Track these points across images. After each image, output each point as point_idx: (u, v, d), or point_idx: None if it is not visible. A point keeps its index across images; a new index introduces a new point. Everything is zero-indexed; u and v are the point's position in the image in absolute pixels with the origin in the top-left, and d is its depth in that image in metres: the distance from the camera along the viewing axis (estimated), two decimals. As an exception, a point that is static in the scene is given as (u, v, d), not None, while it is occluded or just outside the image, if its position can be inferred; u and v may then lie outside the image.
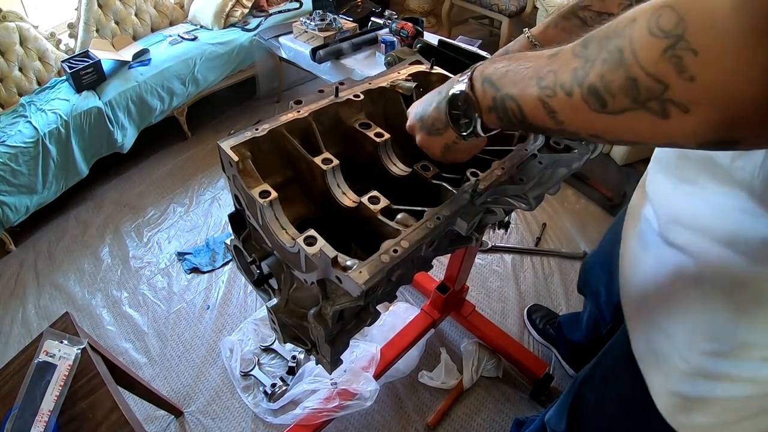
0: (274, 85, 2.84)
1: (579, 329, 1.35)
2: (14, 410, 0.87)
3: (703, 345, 0.52)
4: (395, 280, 0.63)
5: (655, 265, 0.60)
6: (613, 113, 0.33)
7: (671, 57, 0.29)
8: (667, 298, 0.57)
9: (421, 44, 1.40)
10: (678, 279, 0.55)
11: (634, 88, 0.31)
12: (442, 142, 0.55)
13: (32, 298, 1.82)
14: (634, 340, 0.64)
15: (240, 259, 0.74)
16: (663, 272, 0.58)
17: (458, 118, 0.50)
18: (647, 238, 0.62)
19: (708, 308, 0.51)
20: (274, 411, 1.38)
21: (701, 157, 0.50)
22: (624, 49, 0.31)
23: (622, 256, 0.71)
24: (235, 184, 0.60)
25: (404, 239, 0.52)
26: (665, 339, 0.57)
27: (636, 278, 0.65)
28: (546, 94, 0.38)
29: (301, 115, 0.66)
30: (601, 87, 0.33)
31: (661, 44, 0.29)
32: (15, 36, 2.16)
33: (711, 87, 0.28)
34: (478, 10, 3.02)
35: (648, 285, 0.61)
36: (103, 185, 2.35)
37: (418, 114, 0.57)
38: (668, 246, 0.56)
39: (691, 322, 0.53)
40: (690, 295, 0.53)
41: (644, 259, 0.63)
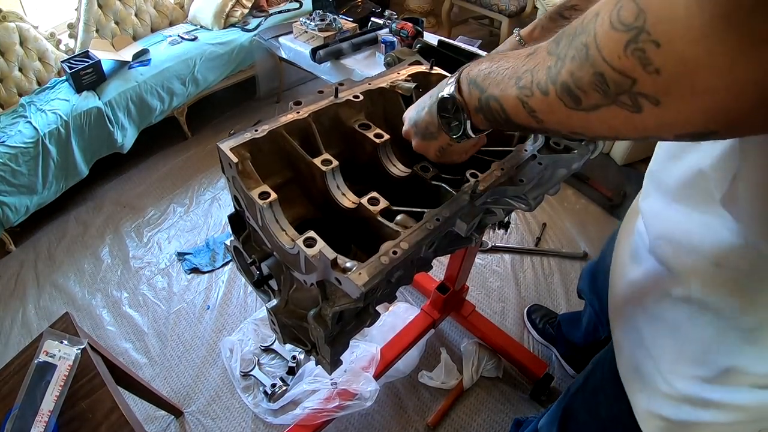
0: (274, 85, 2.84)
1: (578, 330, 1.35)
2: (14, 410, 0.87)
3: (689, 369, 0.51)
4: (395, 281, 0.63)
5: (644, 280, 0.58)
6: (587, 110, 0.33)
7: (634, 50, 0.28)
8: (653, 316, 0.56)
9: (421, 44, 1.40)
10: (666, 297, 0.53)
11: (603, 83, 0.31)
12: (436, 145, 0.56)
13: (32, 299, 1.82)
14: (619, 358, 0.62)
15: (240, 260, 0.74)
16: (651, 289, 0.56)
17: (449, 121, 0.50)
18: (638, 252, 0.61)
19: (695, 330, 0.50)
20: (274, 411, 1.38)
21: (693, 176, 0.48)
22: (589, 45, 0.31)
23: (612, 269, 0.70)
24: (234, 186, 0.60)
25: (404, 240, 0.52)
26: (650, 360, 0.55)
27: (624, 293, 0.63)
28: (524, 94, 0.38)
29: (300, 115, 0.66)
30: (572, 84, 0.33)
31: (623, 37, 0.28)
32: (15, 36, 2.16)
33: (678, 78, 0.27)
34: (478, 10, 3.02)
35: (635, 301, 0.60)
36: (103, 185, 2.35)
37: (412, 119, 0.57)
38: (658, 263, 0.55)
39: (678, 343, 0.52)
40: (677, 316, 0.52)
41: (633, 273, 0.61)
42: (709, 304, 0.48)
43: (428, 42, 1.76)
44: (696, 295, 0.49)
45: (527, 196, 0.60)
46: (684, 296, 0.50)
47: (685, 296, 0.50)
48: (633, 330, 0.59)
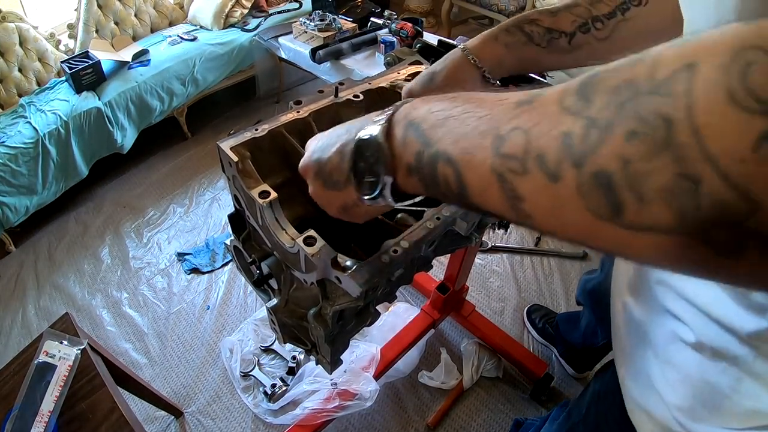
0: (273, 85, 2.84)
1: (576, 331, 1.35)
2: (14, 411, 0.87)
3: (702, 413, 0.47)
4: (395, 281, 0.63)
5: (648, 320, 0.53)
6: (630, 228, 0.20)
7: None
8: (662, 359, 0.50)
9: (421, 44, 1.40)
10: (674, 341, 0.48)
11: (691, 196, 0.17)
12: (340, 199, 0.40)
13: (32, 299, 1.82)
14: (626, 396, 0.58)
15: (240, 260, 0.74)
16: (657, 330, 0.51)
17: (363, 175, 0.35)
18: (638, 286, 0.55)
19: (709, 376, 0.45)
20: (274, 411, 1.38)
21: None
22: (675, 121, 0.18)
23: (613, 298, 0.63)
24: (234, 185, 0.60)
25: (404, 239, 0.52)
26: (662, 403, 0.51)
27: (627, 329, 0.58)
28: (509, 168, 0.24)
29: (300, 115, 0.66)
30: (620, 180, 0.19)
31: (757, 126, 0.16)
32: (15, 36, 2.16)
33: None
34: (477, 10, 3.02)
35: (641, 340, 0.54)
36: (103, 186, 2.35)
37: (316, 154, 0.41)
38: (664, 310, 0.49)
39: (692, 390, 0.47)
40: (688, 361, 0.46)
41: (636, 310, 0.56)
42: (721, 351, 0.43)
43: (428, 42, 1.76)
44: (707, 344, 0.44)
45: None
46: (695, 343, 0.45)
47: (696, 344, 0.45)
48: (641, 372, 0.53)
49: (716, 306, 0.42)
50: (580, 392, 0.85)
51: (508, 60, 0.57)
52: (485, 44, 0.57)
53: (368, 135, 0.34)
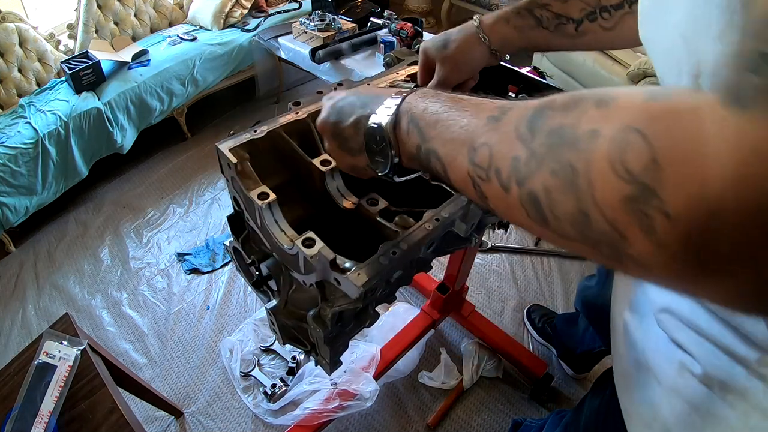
0: (273, 85, 2.84)
1: (575, 336, 1.35)
2: (14, 411, 0.87)
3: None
4: (394, 282, 0.63)
5: (652, 348, 0.51)
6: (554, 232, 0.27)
7: (636, 211, 0.21)
8: (668, 390, 0.49)
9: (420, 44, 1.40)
10: (680, 373, 0.47)
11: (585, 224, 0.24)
12: (352, 161, 0.47)
13: (32, 299, 1.82)
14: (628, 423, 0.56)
15: (239, 261, 0.74)
16: (661, 359, 0.50)
17: (374, 153, 0.42)
18: (639, 308, 0.54)
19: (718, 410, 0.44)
20: (275, 412, 1.38)
21: None
22: (578, 172, 0.24)
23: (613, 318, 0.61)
24: (233, 186, 0.60)
25: (403, 241, 0.52)
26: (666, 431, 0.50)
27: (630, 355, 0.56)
28: (478, 174, 0.31)
29: (299, 116, 0.66)
30: (544, 203, 0.26)
31: (624, 189, 0.21)
32: (14, 37, 2.16)
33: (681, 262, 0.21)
34: (477, 10, 3.02)
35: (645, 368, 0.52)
36: (103, 186, 2.35)
37: (333, 117, 0.47)
38: (668, 340, 0.48)
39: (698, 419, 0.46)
40: (695, 393, 0.45)
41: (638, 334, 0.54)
42: (729, 384, 0.42)
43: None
44: (715, 375, 0.43)
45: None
46: (702, 376, 0.44)
47: (703, 376, 0.44)
48: (645, 401, 0.52)
49: (722, 335, 0.41)
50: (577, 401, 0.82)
51: (517, 40, 0.62)
52: (497, 24, 0.61)
53: (377, 123, 0.40)
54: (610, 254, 0.24)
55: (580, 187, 0.24)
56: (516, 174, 0.28)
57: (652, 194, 0.21)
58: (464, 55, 0.62)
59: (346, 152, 0.47)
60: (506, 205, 0.29)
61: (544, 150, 0.26)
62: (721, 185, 0.19)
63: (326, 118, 0.48)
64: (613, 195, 0.22)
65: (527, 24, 0.61)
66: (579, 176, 0.24)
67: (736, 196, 0.19)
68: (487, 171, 0.30)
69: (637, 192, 0.21)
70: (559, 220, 0.26)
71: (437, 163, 0.35)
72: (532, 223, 0.28)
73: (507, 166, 0.28)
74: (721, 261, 0.20)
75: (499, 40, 0.61)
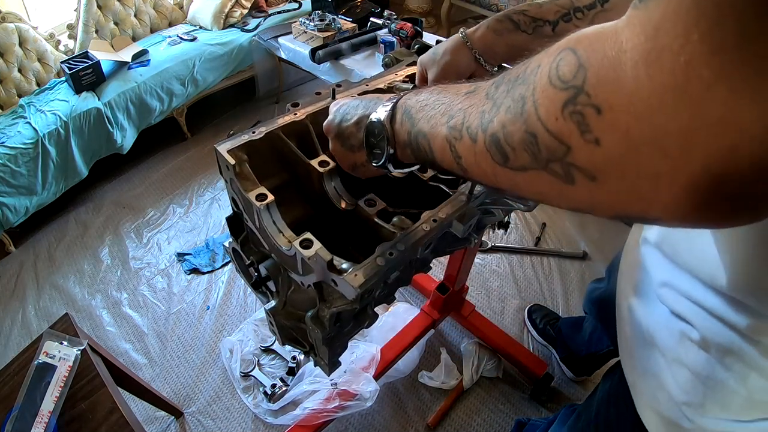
0: (273, 85, 2.84)
1: (580, 338, 1.34)
2: (14, 411, 0.87)
3: (711, 407, 0.48)
4: (392, 283, 0.63)
5: (655, 323, 0.55)
6: (514, 169, 0.29)
7: (572, 113, 0.24)
8: (672, 360, 0.52)
9: (419, 45, 1.40)
10: (682, 342, 0.50)
11: (534, 145, 0.27)
12: (353, 159, 0.52)
13: (32, 299, 1.82)
14: (635, 396, 0.59)
15: (238, 262, 0.75)
16: (664, 332, 0.53)
17: (373, 146, 0.46)
18: (643, 289, 0.57)
19: (718, 374, 0.46)
20: (274, 412, 1.38)
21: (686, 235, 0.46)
22: (526, 99, 0.27)
23: (618, 304, 0.66)
24: (232, 187, 0.61)
25: (400, 242, 0.52)
26: (669, 399, 0.52)
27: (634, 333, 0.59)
28: (453, 136, 0.34)
29: (298, 117, 0.66)
30: (502, 138, 0.29)
31: (561, 96, 0.25)
32: (14, 37, 2.16)
33: (618, 155, 0.23)
34: (477, 10, 3.02)
35: (649, 343, 0.56)
36: (103, 186, 2.35)
37: (337, 119, 0.52)
38: (669, 312, 0.52)
39: (703, 388, 0.48)
40: (697, 360, 0.48)
41: (642, 313, 0.58)
42: (726, 348, 0.45)
43: (427, 42, 1.76)
44: (712, 341, 0.46)
45: (525, 196, 0.60)
46: (700, 342, 0.47)
47: (701, 342, 0.47)
48: (649, 373, 0.55)
49: (717, 305, 0.44)
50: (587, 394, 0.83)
51: (498, 45, 0.67)
52: (479, 31, 0.66)
53: (377, 119, 0.44)
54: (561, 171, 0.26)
55: (527, 110, 0.27)
56: (481, 123, 0.31)
57: (581, 92, 0.24)
58: (452, 62, 0.67)
59: (348, 150, 0.52)
60: (474, 156, 0.33)
61: (503, 96, 0.30)
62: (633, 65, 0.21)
63: (331, 120, 0.53)
64: (552, 105, 0.25)
65: (506, 28, 0.65)
66: (526, 102, 0.27)
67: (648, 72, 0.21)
68: (460, 131, 0.34)
69: (571, 95, 0.24)
70: (515, 149, 0.28)
71: (423, 141, 0.39)
72: (496, 165, 0.31)
73: (475, 120, 0.32)
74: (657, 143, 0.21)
75: (482, 45, 0.66)
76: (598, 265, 1.80)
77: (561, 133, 0.25)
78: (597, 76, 0.23)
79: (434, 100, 0.39)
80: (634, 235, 0.64)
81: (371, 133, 0.46)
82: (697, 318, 0.47)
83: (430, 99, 0.39)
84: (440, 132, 0.36)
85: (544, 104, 0.26)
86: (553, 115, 0.25)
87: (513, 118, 0.28)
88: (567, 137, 0.25)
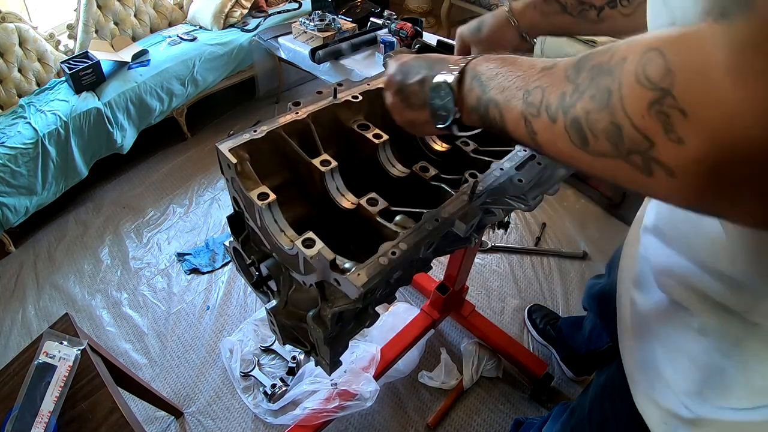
0: (273, 85, 2.84)
1: (580, 336, 1.35)
2: (14, 411, 0.87)
3: (710, 395, 0.48)
4: (394, 282, 0.63)
5: (654, 312, 0.56)
6: (593, 154, 0.31)
7: (658, 113, 0.26)
8: (670, 348, 0.53)
9: (420, 44, 1.40)
10: (680, 330, 0.51)
11: (618, 136, 0.29)
12: (412, 116, 0.53)
13: (32, 299, 1.82)
14: (633, 387, 0.59)
15: (239, 261, 0.75)
16: (663, 321, 0.54)
17: (437, 107, 0.47)
18: (643, 280, 0.58)
19: (716, 361, 0.47)
20: (275, 411, 1.38)
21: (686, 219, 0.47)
22: (612, 91, 0.29)
23: (618, 296, 0.67)
24: (233, 186, 0.60)
25: (402, 241, 0.52)
26: (667, 388, 0.53)
27: (633, 323, 0.61)
28: (530, 112, 0.36)
29: (299, 116, 0.66)
30: (585, 123, 0.31)
31: (648, 96, 0.27)
32: (14, 37, 2.16)
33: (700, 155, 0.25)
34: (477, 10, 3.02)
35: (647, 333, 0.57)
36: (103, 186, 2.35)
37: (398, 75, 0.53)
38: (669, 300, 0.53)
39: (697, 371, 0.49)
40: (695, 347, 0.49)
41: (642, 303, 0.59)
42: (725, 333, 0.46)
43: (427, 42, 1.76)
44: (711, 327, 0.47)
45: (526, 196, 0.60)
46: (699, 329, 0.48)
47: (700, 329, 0.48)
48: (648, 364, 0.56)
49: (715, 289, 0.45)
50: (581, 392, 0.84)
51: (543, 25, 0.68)
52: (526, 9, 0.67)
53: (443, 80, 0.45)
54: (641, 163, 0.28)
55: (613, 103, 0.29)
56: (562, 105, 0.33)
57: (668, 95, 0.26)
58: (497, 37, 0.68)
59: (408, 107, 0.52)
60: (552, 135, 0.35)
61: (586, 83, 0.31)
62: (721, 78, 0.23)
63: (393, 75, 0.54)
64: (639, 102, 0.27)
65: (553, 10, 0.66)
66: (612, 95, 0.29)
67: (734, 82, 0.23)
68: (538, 108, 0.35)
69: (658, 96, 0.26)
70: (597, 137, 0.30)
71: (495, 110, 0.41)
72: (573, 147, 0.33)
73: (555, 101, 0.34)
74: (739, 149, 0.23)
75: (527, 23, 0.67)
76: (598, 265, 1.80)
77: (646, 129, 0.27)
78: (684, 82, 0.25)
79: (506, 70, 0.40)
80: (634, 229, 0.65)
81: (437, 93, 0.46)
82: (696, 305, 0.48)
83: (501, 69, 0.41)
84: (516, 106, 0.38)
85: (632, 100, 0.28)
86: (640, 112, 0.27)
87: (598, 108, 0.30)
88: (652, 133, 0.27)
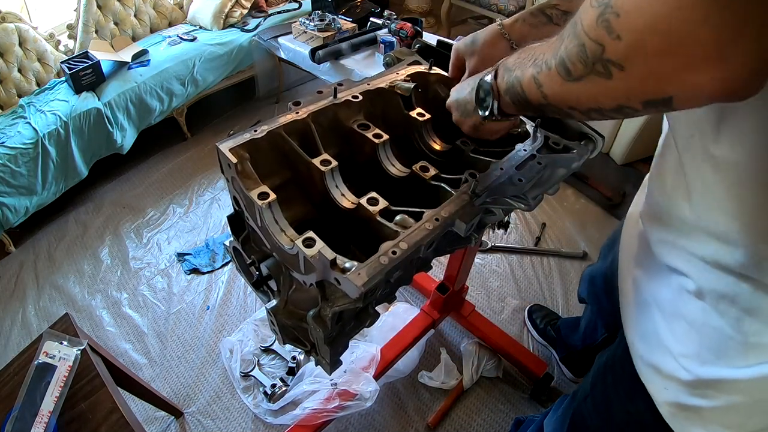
0: (273, 85, 2.84)
1: (577, 333, 1.36)
2: (14, 411, 0.87)
3: (708, 356, 0.51)
4: (394, 282, 0.63)
5: (654, 284, 0.60)
6: (576, 80, 0.39)
7: (602, 21, 0.34)
8: (670, 314, 0.56)
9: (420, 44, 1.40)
10: (679, 295, 0.54)
11: (584, 53, 0.37)
12: (471, 121, 0.62)
13: (32, 300, 1.82)
14: (634, 356, 0.63)
15: (239, 261, 0.74)
16: (663, 290, 0.58)
17: (483, 103, 0.56)
18: (643, 257, 0.63)
19: (714, 321, 0.50)
20: (274, 412, 1.38)
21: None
22: (576, 22, 0.37)
23: (620, 276, 0.71)
24: (233, 186, 0.60)
25: (403, 241, 0.52)
26: (667, 354, 0.56)
27: (635, 298, 0.65)
28: (536, 70, 0.45)
29: (299, 116, 0.66)
30: (565, 57, 0.39)
31: (596, 12, 0.35)
32: (14, 37, 2.16)
33: (634, 43, 0.32)
34: (477, 10, 3.02)
35: (648, 304, 0.61)
36: (103, 186, 2.35)
37: (455, 95, 0.65)
38: (665, 265, 0.57)
39: (699, 336, 0.52)
40: (693, 310, 0.52)
41: (642, 279, 0.63)
42: (721, 293, 0.49)
43: (427, 42, 1.75)
44: (707, 288, 0.50)
45: (526, 195, 0.60)
46: (696, 291, 0.52)
47: (697, 291, 0.51)
48: (649, 332, 0.60)
49: (710, 250, 0.49)
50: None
51: (532, 36, 0.72)
52: (515, 23, 0.73)
53: (483, 77, 0.55)
54: (602, 69, 0.35)
55: (577, 30, 0.37)
56: (554, 54, 0.41)
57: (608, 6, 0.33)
58: (490, 49, 0.73)
59: (466, 116, 0.62)
60: (550, 80, 0.42)
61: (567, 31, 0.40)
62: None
63: (452, 98, 0.66)
64: (590, 19, 0.35)
65: (540, 21, 0.71)
66: (576, 24, 0.37)
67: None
68: (540, 65, 0.44)
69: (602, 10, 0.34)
70: (574, 63, 0.38)
71: (516, 83, 0.49)
72: (563, 81, 0.41)
73: (550, 54, 0.42)
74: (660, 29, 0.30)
75: (517, 35, 0.72)
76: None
77: (597, 37, 0.35)
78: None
79: (527, 54, 0.48)
80: (633, 214, 0.70)
81: (480, 91, 0.56)
82: (692, 268, 0.52)
83: (522, 55, 0.49)
84: (528, 72, 0.46)
85: (586, 19, 0.36)
86: (592, 26, 0.35)
87: (570, 39, 0.38)
88: (601, 39, 0.34)
